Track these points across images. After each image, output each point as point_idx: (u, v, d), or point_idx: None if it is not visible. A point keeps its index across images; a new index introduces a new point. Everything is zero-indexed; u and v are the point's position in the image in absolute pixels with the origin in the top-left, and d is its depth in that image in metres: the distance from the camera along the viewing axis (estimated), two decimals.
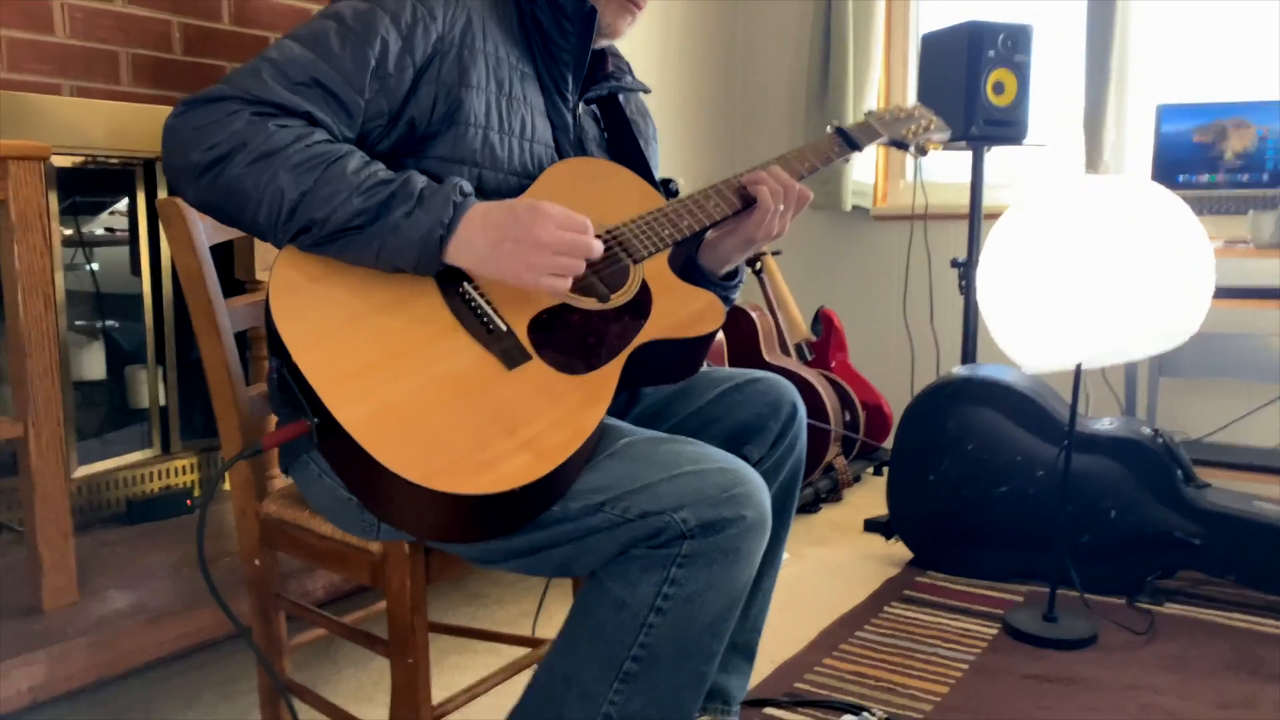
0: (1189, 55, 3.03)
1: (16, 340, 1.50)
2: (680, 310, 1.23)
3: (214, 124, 1.05)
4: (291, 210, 1.05)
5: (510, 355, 1.09)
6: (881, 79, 3.50)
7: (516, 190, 1.23)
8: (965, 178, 2.72)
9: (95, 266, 2.11)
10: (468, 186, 1.11)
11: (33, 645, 1.42)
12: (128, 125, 1.92)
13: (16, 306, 1.49)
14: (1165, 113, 2.77)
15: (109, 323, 2.14)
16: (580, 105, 1.36)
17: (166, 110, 1.11)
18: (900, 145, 1.59)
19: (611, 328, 1.17)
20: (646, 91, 1.48)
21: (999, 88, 2.57)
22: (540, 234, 1.07)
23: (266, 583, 1.37)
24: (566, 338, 1.14)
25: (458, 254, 1.08)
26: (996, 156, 2.76)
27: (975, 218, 2.69)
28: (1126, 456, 2.19)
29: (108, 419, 2.13)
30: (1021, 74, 2.58)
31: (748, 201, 1.31)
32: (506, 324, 1.12)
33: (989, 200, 2.75)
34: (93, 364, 2.10)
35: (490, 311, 1.12)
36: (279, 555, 1.37)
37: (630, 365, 1.16)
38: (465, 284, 1.13)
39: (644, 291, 1.22)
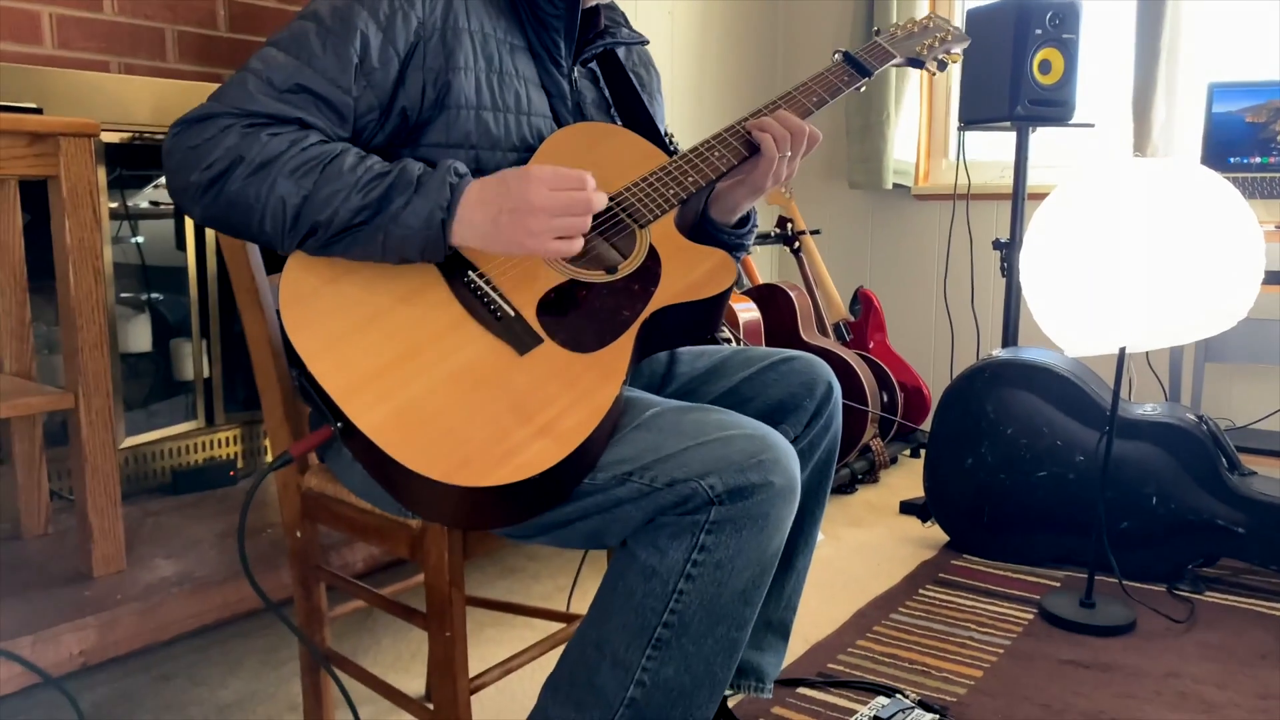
0: (1243, 32, 2.95)
1: (67, 313, 1.53)
2: (691, 272, 1.21)
3: (208, 142, 1.06)
4: (295, 216, 1.06)
5: (521, 340, 1.10)
6: None
7: (516, 166, 1.22)
8: (1009, 157, 2.68)
9: (141, 240, 2.15)
10: (462, 167, 1.11)
11: (83, 610, 1.46)
12: (173, 102, 1.95)
13: (67, 280, 1.52)
14: (1217, 92, 2.71)
15: (154, 295, 2.18)
16: (576, 69, 1.34)
17: (211, 87, 1.12)
18: (916, 63, 1.51)
19: (621, 299, 1.16)
20: (644, 43, 1.45)
21: (1045, 66, 2.52)
22: (534, 199, 1.07)
23: (308, 555, 1.40)
24: (576, 315, 1.14)
25: (461, 234, 1.09)
26: (1042, 136, 2.72)
27: (1019, 198, 2.65)
28: (1169, 442, 2.16)
29: (153, 390, 2.18)
30: (1069, 52, 2.53)
31: (753, 148, 1.28)
32: (515, 308, 1.12)
33: (1033, 180, 2.70)
34: (139, 336, 2.14)
35: (497, 298, 1.12)
36: (320, 528, 1.40)
37: (644, 333, 1.15)
38: (470, 272, 1.13)
39: (652, 256, 1.21)
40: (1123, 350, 1.88)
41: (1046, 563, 2.28)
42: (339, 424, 1.03)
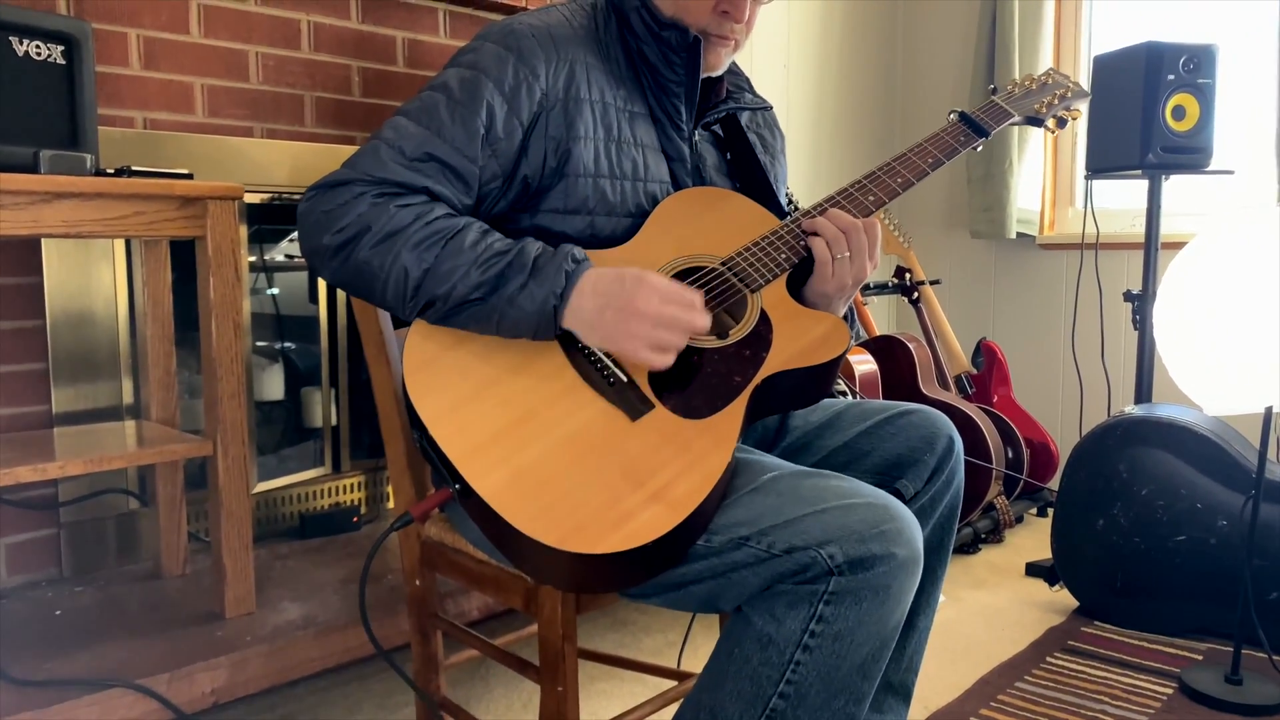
0: None
1: (209, 365, 1.62)
2: (802, 338, 1.19)
3: (340, 208, 1.12)
4: (416, 287, 1.11)
5: (633, 406, 1.11)
6: None
7: (631, 231, 1.25)
8: (1140, 204, 2.58)
9: (276, 291, 2.26)
10: (579, 253, 1.13)
11: (216, 650, 1.52)
12: (309, 164, 2.05)
13: (210, 333, 1.61)
14: None
15: (287, 345, 2.28)
16: (697, 133, 1.36)
17: (345, 150, 1.18)
18: (1035, 121, 1.48)
19: (733, 364, 1.16)
20: (767, 108, 1.46)
21: (1179, 112, 2.42)
22: (640, 305, 1.09)
23: (426, 602, 1.43)
24: (689, 381, 1.14)
25: (570, 320, 1.11)
26: (1176, 183, 2.61)
27: (1151, 248, 2.54)
28: None
29: (284, 437, 2.27)
30: (1204, 97, 2.42)
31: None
32: (627, 375, 1.13)
33: (1167, 229, 2.59)
34: (272, 385, 2.24)
35: (610, 364, 1.13)
36: (438, 576, 1.42)
37: (756, 399, 1.14)
38: None
39: (764, 322, 1.20)
40: (1269, 409, 1.77)
41: (1186, 633, 2.14)
42: (457, 486, 1.05)
